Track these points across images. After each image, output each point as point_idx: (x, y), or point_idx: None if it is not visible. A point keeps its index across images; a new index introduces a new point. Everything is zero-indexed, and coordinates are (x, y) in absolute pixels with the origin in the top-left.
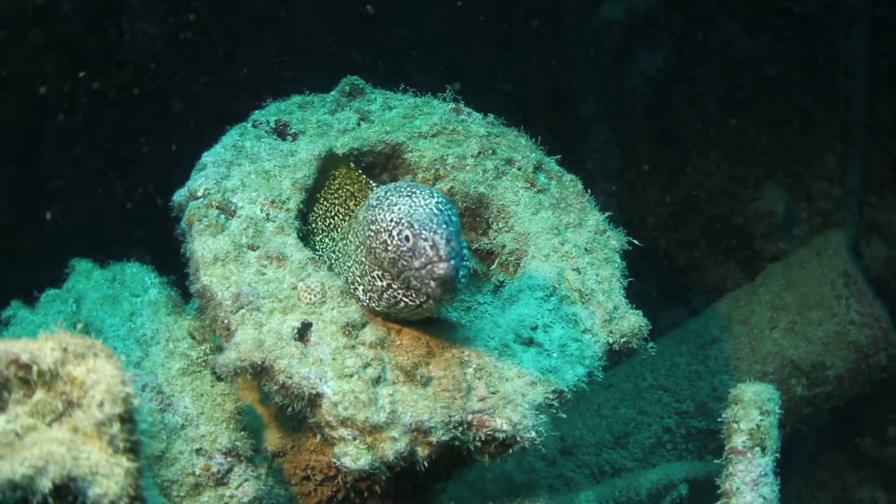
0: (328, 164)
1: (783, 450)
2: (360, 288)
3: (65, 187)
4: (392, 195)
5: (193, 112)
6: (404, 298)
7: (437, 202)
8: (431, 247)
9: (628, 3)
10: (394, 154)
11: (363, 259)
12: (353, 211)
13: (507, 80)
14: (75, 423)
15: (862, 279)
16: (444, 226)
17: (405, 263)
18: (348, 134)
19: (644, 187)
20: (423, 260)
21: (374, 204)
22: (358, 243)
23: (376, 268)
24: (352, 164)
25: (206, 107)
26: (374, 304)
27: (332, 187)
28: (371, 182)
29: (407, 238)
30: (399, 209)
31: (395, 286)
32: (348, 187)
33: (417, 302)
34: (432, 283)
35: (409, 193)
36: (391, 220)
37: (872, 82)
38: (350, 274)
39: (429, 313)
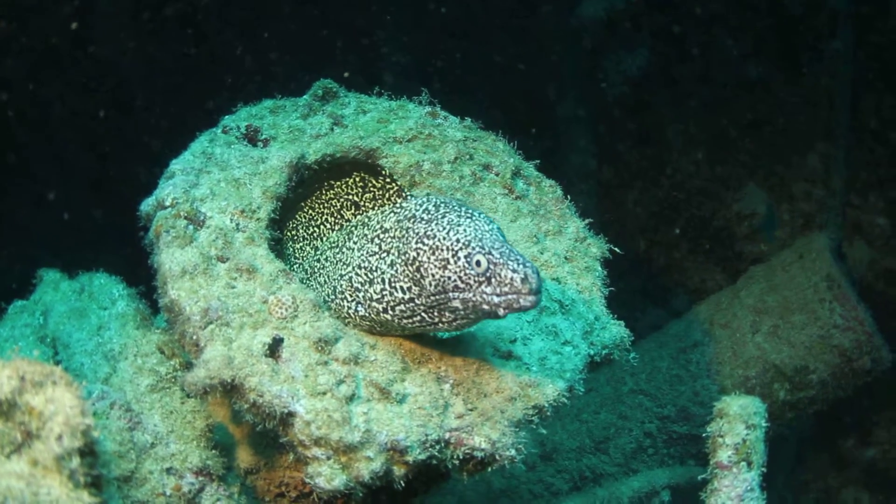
0: (333, 173)
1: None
2: (361, 295)
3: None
4: (449, 213)
5: (162, 116)
6: (423, 314)
7: (497, 227)
8: (523, 280)
9: (608, 1)
10: (368, 160)
11: (386, 268)
12: (346, 220)
13: (483, 80)
14: (35, 456)
15: (845, 282)
16: (526, 259)
17: (462, 285)
18: (321, 139)
19: (623, 188)
20: (506, 289)
21: (426, 217)
22: (380, 250)
23: (405, 279)
24: (385, 171)
25: (176, 110)
26: (372, 313)
27: (326, 196)
28: (405, 190)
29: (478, 263)
30: (465, 231)
31: (418, 301)
32: (351, 197)
33: (437, 320)
34: (503, 311)
35: (469, 215)
36: (457, 241)
37: (856, 83)
38: (343, 282)
39: (428, 332)
